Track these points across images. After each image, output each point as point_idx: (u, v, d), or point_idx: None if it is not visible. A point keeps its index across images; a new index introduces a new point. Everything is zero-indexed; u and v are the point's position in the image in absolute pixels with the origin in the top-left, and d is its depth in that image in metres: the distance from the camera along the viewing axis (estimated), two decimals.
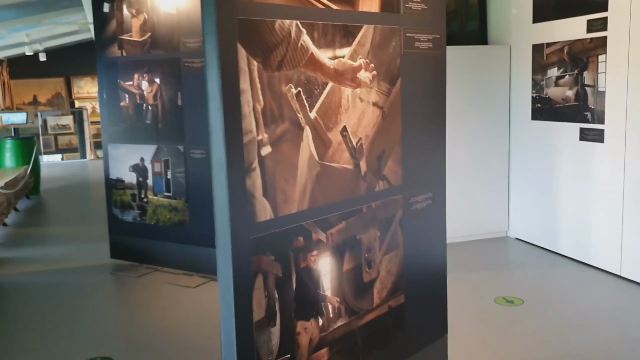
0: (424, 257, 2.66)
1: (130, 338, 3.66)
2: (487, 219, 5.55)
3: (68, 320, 3.95)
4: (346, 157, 2.21)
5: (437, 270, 2.75)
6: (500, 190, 5.53)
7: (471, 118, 5.34)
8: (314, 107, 2.07)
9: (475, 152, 5.39)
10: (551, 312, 3.77)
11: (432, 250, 2.70)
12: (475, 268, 4.73)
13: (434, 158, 2.65)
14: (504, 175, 5.51)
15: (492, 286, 4.27)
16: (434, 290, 2.74)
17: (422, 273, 2.65)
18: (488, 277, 4.50)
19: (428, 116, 2.59)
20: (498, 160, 5.48)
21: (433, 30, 2.56)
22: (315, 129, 2.08)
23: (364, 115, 2.27)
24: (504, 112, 5.41)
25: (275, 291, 1.99)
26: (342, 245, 2.23)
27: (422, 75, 2.55)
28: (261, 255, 1.93)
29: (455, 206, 5.29)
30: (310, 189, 2.08)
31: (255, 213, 1.89)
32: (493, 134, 5.42)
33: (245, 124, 1.83)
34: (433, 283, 2.73)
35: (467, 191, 5.41)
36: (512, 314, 3.76)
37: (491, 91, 5.35)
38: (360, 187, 2.28)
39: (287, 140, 1.98)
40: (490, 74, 5.34)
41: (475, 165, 5.41)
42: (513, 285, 4.29)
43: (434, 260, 2.72)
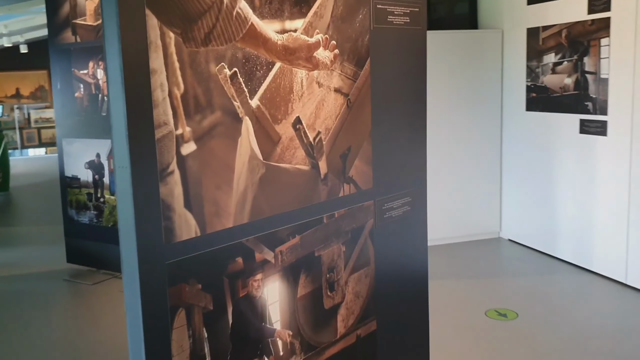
0: (401, 275, 2.24)
1: (78, 356, 3.22)
2: (477, 219, 5.13)
3: (11, 337, 3.50)
4: (300, 156, 1.77)
5: (416, 290, 2.32)
6: (492, 187, 5.11)
7: (460, 109, 4.91)
8: (255, 93, 1.63)
9: (465, 146, 4.97)
10: (549, 327, 3.35)
11: (410, 265, 2.27)
12: (464, 274, 4.31)
13: (412, 156, 2.22)
14: (496, 171, 5.09)
15: (482, 296, 3.85)
16: (413, 314, 2.31)
17: (399, 294, 2.23)
18: (478, 285, 4.08)
19: (405, 106, 2.15)
20: (489, 155, 5.05)
21: (410, 2, 2.12)
22: (258, 120, 1.64)
23: (323, 104, 1.83)
24: (495, 102, 4.98)
25: (203, 329, 1.55)
26: (295, 265, 1.80)
27: (398, 56, 2.11)
28: (182, 285, 1.49)
29: (443, 205, 4.88)
30: (253, 197, 1.64)
31: (173, 230, 1.45)
32: (484, 127, 4.99)
33: (158, 114, 1.39)
34: (412, 305, 2.31)
35: (455, 189, 4.99)
36: (506, 329, 3.35)
37: (482, 80, 4.92)
38: (319, 193, 1.85)
39: (218, 136, 1.54)
40: (481, 61, 4.91)
41: (464, 161, 4.99)
42: (506, 296, 3.87)
43: (413, 277, 2.29)
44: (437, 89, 4.69)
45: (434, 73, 4.60)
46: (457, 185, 4.99)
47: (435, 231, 4.79)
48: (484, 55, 4.90)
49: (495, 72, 4.94)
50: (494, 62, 4.92)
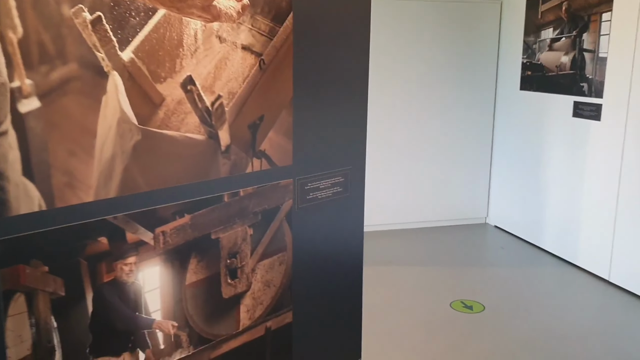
0: (328, 264, 1.99)
1: None
2: (464, 203, 4.85)
3: None
4: (193, 123, 1.52)
5: (347, 281, 2.08)
6: (481, 170, 4.82)
7: (451, 86, 4.60)
8: (128, 43, 1.37)
9: (454, 125, 4.67)
10: (514, 322, 3.10)
11: (340, 253, 2.03)
12: (438, 261, 4.06)
13: (347, 130, 1.95)
14: (486, 153, 4.79)
15: (452, 285, 3.61)
16: (342, 307, 2.07)
17: (324, 284, 1.99)
18: (451, 273, 3.83)
19: (340, 70, 1.88)
20: (481, 136, 4.75)
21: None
22: (132, 77, 1.39)
23: (226, 62, 1.57)
24: (490, 80, 4.66)
25: (51, 317, 1.33)
26: (183, 248, 1.56)
27: (332, 11, 1.83)
28: (20, 266, 1.26)
29: (429, 186, 4.61)
30: (123, 167, 1.40)
31: (6, 202, 1.22)
32: (476, 105, 4.68)
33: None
34: (341, 297, 2.06)
35: (443, 170, 4.71)
36: (468, 322, 3.11)
37: (477, 55, 4.59)
38: (217, 167, 1.60)
39: (73, 92, 1.29)
40: (477, 35, 4.57)
41: (453, 141, 4.69)
42: (478, 286, 3.62)
43: (342, 267, 2.05)
44: (429, 63, 4.39)
45: (426, 45, 4.30)
46: (445, 166, 4.71)
47: (419, 213, 4.55)
48: (480, 28, 4.57)
49: (492, 47, 4.60)
50: (490, 36, 4.59)
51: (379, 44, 4.25)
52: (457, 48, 4.53)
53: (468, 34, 4.54)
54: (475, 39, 4.55)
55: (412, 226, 4.63)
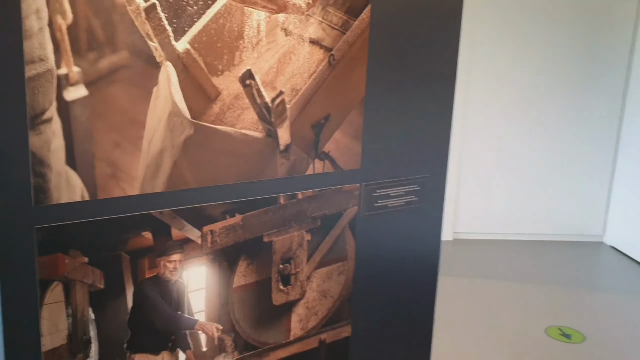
0: (396, 276, 1.85)
1: None
2: (576, 217, 4.44)
3: None
4: (250, 119, 1.44)
5: (418, 296, 1.92)
6: (600, 181, 4.38)
7: (569, 85, 4.20)
8: (184, 33, 1.31)
9: (570, 128, 4.27)
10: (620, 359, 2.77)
11: (411, 267, 1.87)
12: (539, 278, 3.74)
13: (427, 135, 1.79)
14: (607, 162, 4.34)
15: (551, 309, 3.30)
16: (409, 324, 1.92)
17: (389, 298, 1.84)
18: (550, 294, 3.51)
19: (423, 71, 1.72)
20: (601, 142, 4.31)
21: None
22: (187, 68, 1.33)
23: (290, 57, 1.47)
24: (618, 78, 4.18)
25: (89, 309, 1.31)
26: (232, 249, 1.50)
27: (417, 6, 1.67)
28: (59, 255, 1.25)
29: (533, 195, 4.27)
30: (172, 162, 1.35)
31: (47, 190, 1.21)
32: (598, 108, 4.25)
33: (31, 46, 1.13)
34: (410, 314, 1.91)
35: (551, 177, 4.33)
36: (563, 353, 2.81)
37: (602, 49, 4.14)
38: (275, 167, 1.51)
39: (122, 81, 1.25)
40: (604, 25, 4.12)
41: (567, 145, 4.30)
42: (581, 312, 3.28)
43: (413, 282, 1.89)
44: (542, 58, 4.04)
45: (538, 36, 3.95)
46: (556, 173, 4.33)
47: (521, 224, 4.24)
48: (610, 21, 4.11)
49: (623, 41, 4.13)
50: (622, 28, 4.11)
51: (483, 39, 3.96)
52: (578, 40, 4.12)
53: (593, 26, 4.10)
54: (603, 29, 4.10)
55: (512, 237, 4.31)
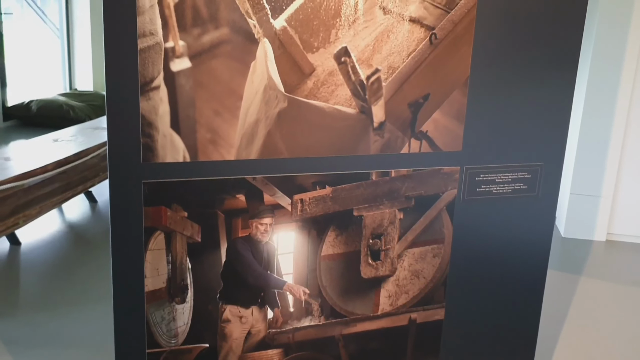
0: (498, 266, 1.78)
1: None
2: None
3: None
4: (344, 95, 1.50)
5: (523, 289, 1.83)
6: None
7: None
8: (282, 12, 1.40)
9: None
10: None
11: (515, 257, 1.79)
12: None
13: (542, 120, 1.69)
14: None
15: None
16: (511, 316, 1.84)
17: (488, 287, 1.79)
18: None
19: (539, 48, 1.63)
20: None
21: None
22: (283, 45, 1.42)
23: (388, 35, 1.49)
24: None
25: (186, 258, 1.48)
26: (322, 219, 1.57)
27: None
28: (162, 208, 1.42)
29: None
30: (266, 132, 1.46)
31: (154, 150, 1.38)
32: None
33: (143, 21, 1.30)
34: (513, 306, 1.83)
35: None
36: None
37: None
38: (368, 144, 1.55)
39: (222, 56, 1.38)
40: None
41: None
42: None
43: (518, 272, 1.81)
44: None
45: None
46: None
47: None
48: None
49: None
50: None
51: None
52: None
53: None
54: None
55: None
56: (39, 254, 3.11)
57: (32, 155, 3.21)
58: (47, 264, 3.00)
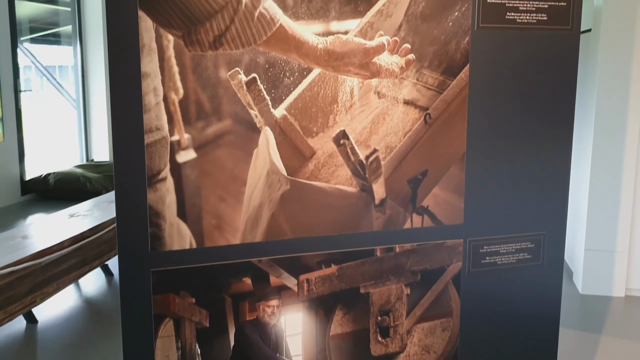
0: (508, 336, 1.78)
1: None
2: None
3: None
4: (344, 175, 1.54)
5: (534, 356, 1.82)
6: None
7: None
8: (282, 101, 1.47)
9: None
10: None
11: (524, 325, 1.79)
12: None
13: (541, 188, 1.72)
14: None
15: None
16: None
17: (501, 357, 1.78)
18: None
19: (532, 122, 1.68)
20: None
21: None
22: (284, 132, 1.48)
23: (384, 117, 1.55)
24: None
25: (195, 344, 1.50)
26: (329, 298, 1.59)
27: (523, 66, 1.65)
28: (170, 295, 1.45)
29: None
30: (270, 214, 1.50)
31: (161, 238, 1.42)
32: None
33: (149, 118, 1.37)
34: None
35: None
36: None
37: None
38: (370, 221, 1.58)
39: (226, 145, 1.44)
40: None
41: None
42: None
43: (528, 340, 1.80)
44: None
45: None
46: None
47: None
48: None
49: None
50: None
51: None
52: None
53: None
54: None
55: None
56: (56, 332, 3.13)
57: (49, 232, 3.28)
58: (64, 343, 3.02)
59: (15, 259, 2.74)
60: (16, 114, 5.39)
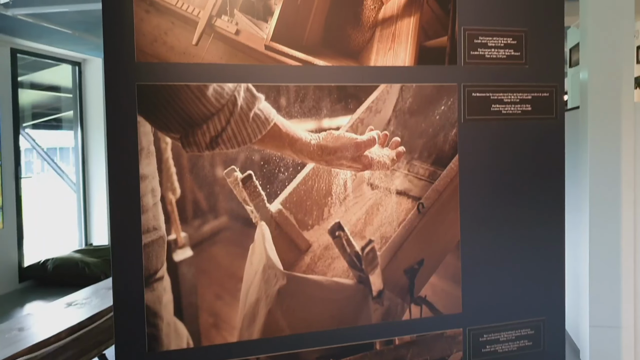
0: None
1: None
2: None
3: None
4: (341, 268, 1.55)
5: None
6: None
7: None
8: (277, 196, 1.50)
9: None
10: None
11: None
12: None
13: (538, 273, 1.73)
14: None
15: None
16: None
17: None
18: None
19: (524, 207, 1.70)
20: None
21: (535, 85, 1.70)
22: (279, 226, 1.50)
23: (378, 208, 1.58)
24: None
25: None
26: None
27: (510, 153, 1.70)
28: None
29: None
30: (267, 310, 1.50)
31: (158, 338, 1.41)
32: None
33: (147, 219, 1.40)
34: None
35: None
36: None
37: None
38: (369, 313, 1.58)
39: (222, 242, 1.46)
40: None
41: None
42: None
43: None
44: None
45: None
46: None
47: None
48: None
49: None
50: None
51: None
52: None
53: None
54: None
55: None
56: None
57: (46, 323, 3.24)
58: None
59: (11, 353, 2.69)
60: (16, 201, 5.44)
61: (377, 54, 1.55)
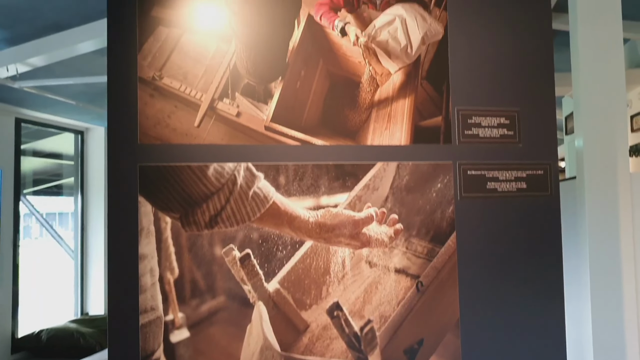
0: None
1: None
2: None
3: None
4: (339, 349, 1.53)
5: None
6: None
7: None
8: (274, 275, 1.50)
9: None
10: None
11: None
12: None
13: (540, 350, 1.71)
14: None
15: None
16: None
17: None
18: None
19: (523, 282, 1.70)
20: None
21: (530, 164, 1.73)
22: (277, 306, 1.50)
23: (377, 287, 1.58)
24: None
25: None
26: None
27: (507, 231, 1.71)
28: None
29: None
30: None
31: None
32: None
33: (145, 299, 1.39)
34: None
35: None
36: None
37: None
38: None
39: (219, 322, 1.45)
40: None
41: None
42: None
43: None
44: None
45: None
46: None
47: None
48: None
49: None
50: None
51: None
52: None
53: None
54: None
55: None
56: None
57: None
58: None
59: None
60: (13, 269, 5.40)
61: (373, 133, 1.59)
